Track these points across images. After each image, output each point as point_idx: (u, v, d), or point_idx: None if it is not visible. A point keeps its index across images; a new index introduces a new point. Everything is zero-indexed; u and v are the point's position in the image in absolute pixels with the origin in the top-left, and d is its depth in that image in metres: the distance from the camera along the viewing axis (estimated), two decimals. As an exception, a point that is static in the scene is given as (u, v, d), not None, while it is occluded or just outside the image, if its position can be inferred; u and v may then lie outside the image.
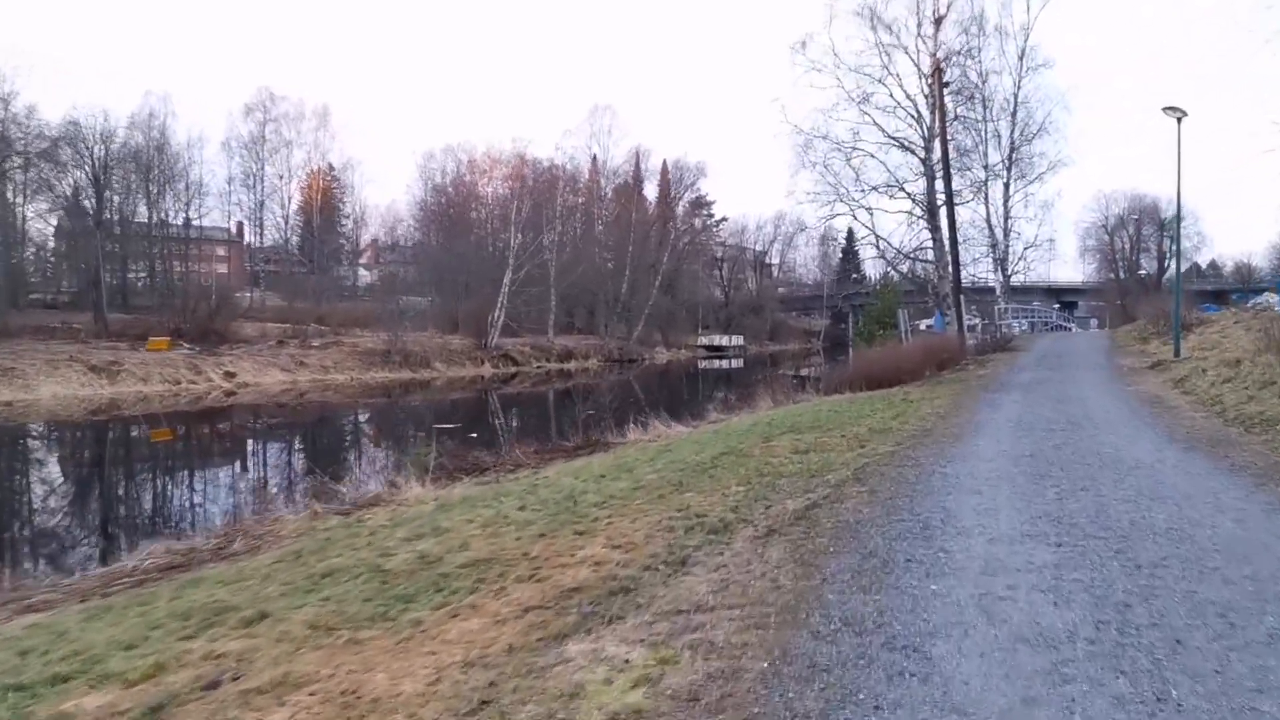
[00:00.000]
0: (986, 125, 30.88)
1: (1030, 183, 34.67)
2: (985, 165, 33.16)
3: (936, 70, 24.28)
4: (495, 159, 53.78)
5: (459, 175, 57.19)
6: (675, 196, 67.49)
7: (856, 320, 28.14)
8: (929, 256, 28.21)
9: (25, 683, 4.05)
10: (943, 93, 24.45)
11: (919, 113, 27.22)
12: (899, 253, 27.92)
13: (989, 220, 34.24)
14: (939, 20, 26.37)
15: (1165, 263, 63.77)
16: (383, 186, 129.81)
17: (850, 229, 42.41)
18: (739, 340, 68.71)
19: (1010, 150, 34.08)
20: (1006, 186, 34.96)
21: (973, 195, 29.84)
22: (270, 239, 58.12)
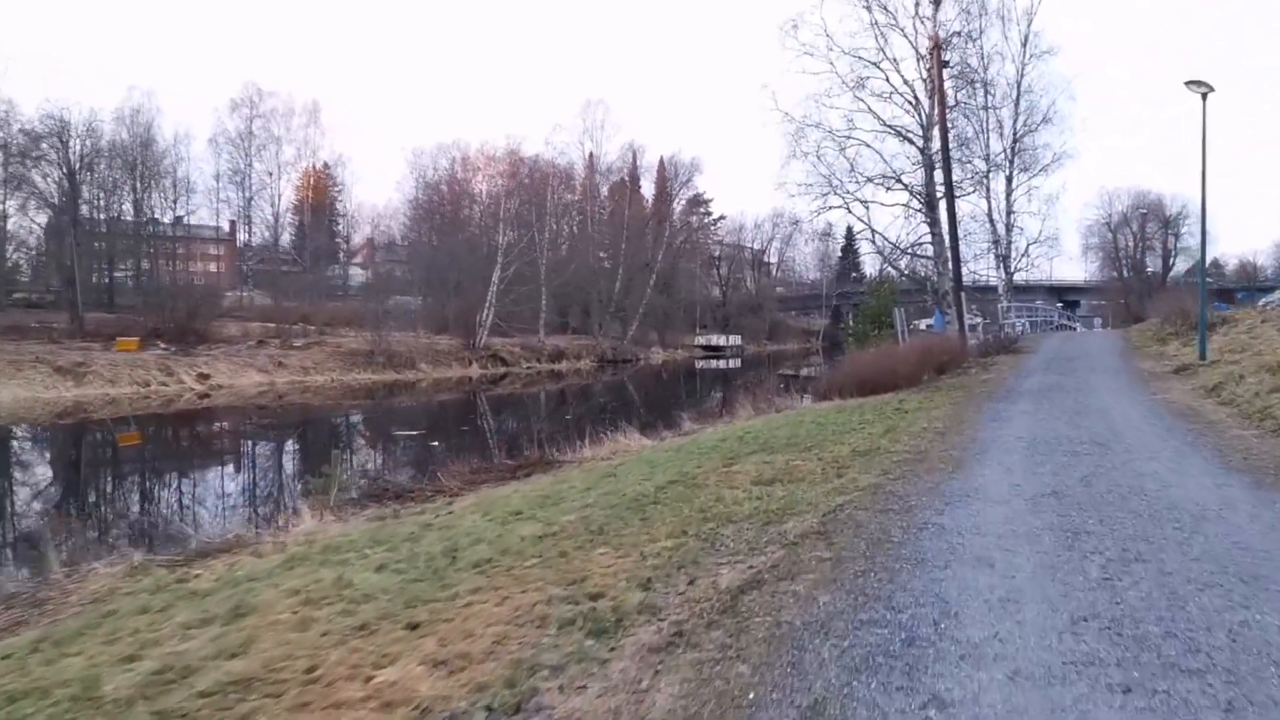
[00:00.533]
0: (988, 114, 28.84)
1: (1034, 175, 32.63)
2: (987, 157, 31.11)
3: (936, 48, 22.24)
4: (489, 156, 51.80)
5: (451, 172, 55.22)
6: (671, 194, 65.43)
7: (852, 319, 26.06)
8: (928, 252, 26.17)
9: None
10: (942, 74, 22.41)
11: (917, 99, 25.18)
12: (895, 248, 25.88)
13: (990, 215, 32.16)
14: None
15: (1171, 260, 61.57)
16: (372, 185, 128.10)
17: (850, 226, 40.28)
18: (736, 340, 66.67)
19: (1013, 141, 32.01)
20: (1009, 180, 32.87)
21: (973, 188, 27.80)
22: (260, 237, 56.28)
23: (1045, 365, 17.23)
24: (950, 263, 23.38)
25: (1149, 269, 61.53)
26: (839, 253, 72.72)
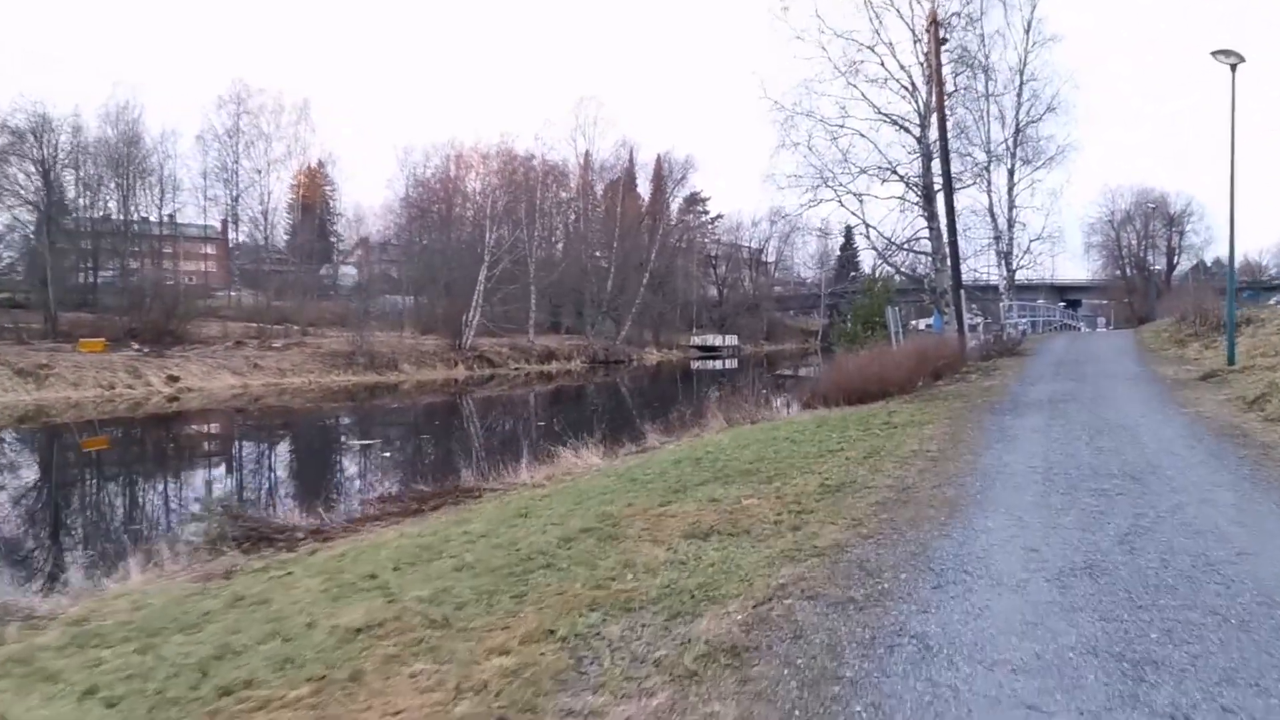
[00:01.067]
0: (989, 102, 26.89)
1: (1037, 168, 30.63)
2: (988, 150, 29.11)
3: (934, 25, 20.26)
4: (480, 153, 49.88)
5: (443, 169, 53.26)
6: (666, 191, 63.45)
7: (845, 320, 24.08)
8: (925, 247, 24.19)
9: None
10: (940, 52, 20.44)
11: (913, 84, 23.17)
12: (891, 243, 23.90)
13: (991, 210, 30.19)
14: (937, -22, 22.31)
15: (1175, 259, 59.42)
16: (364, 184, 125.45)
17: (849, 225, 38.31)
18: (733, 340, 64.65)
19: (1015, 132, 30.02)
20: (1011, 173, 30.89)
21: (973, 180, 25.82)
22: (250, 236, 54.41)
23: (1053, 370, 15.26)
24: (949, 259, 21.42)
25: (1155, 267, 59.32)
26: (837, 251, 70.63)
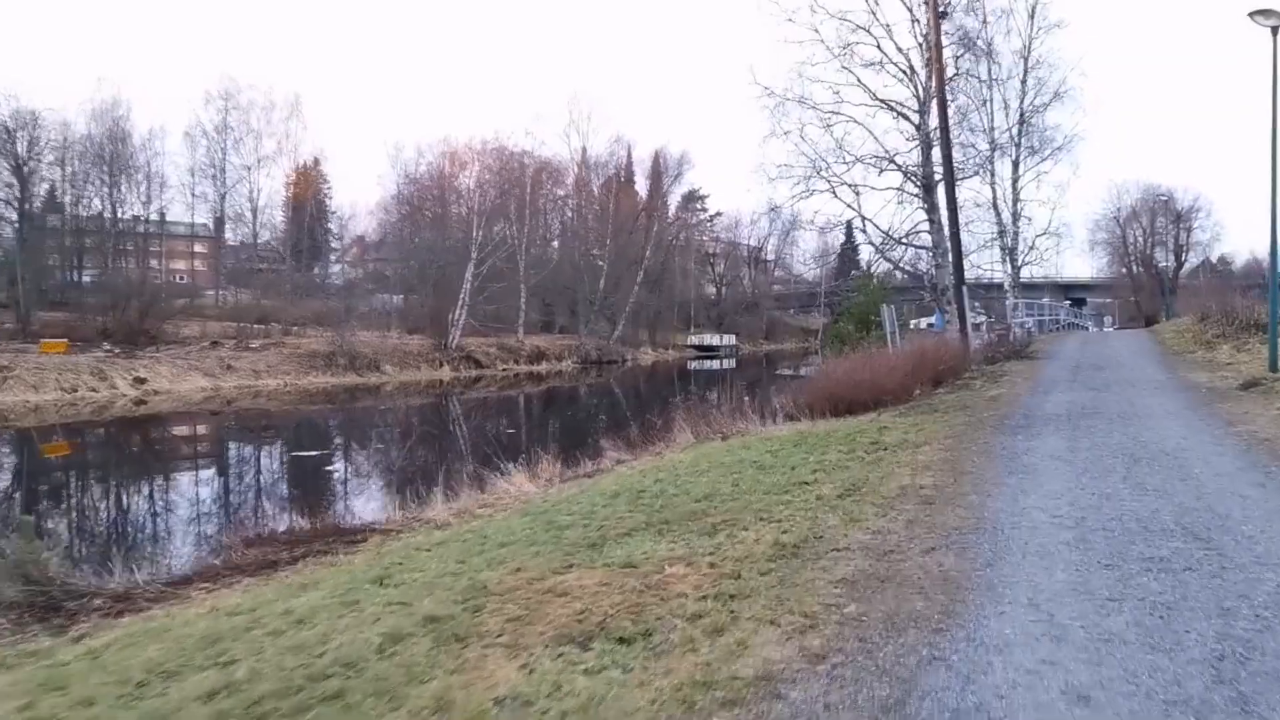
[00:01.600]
0: (993, 87, 25.02)
1: (1043, 159, 28.74)
2: (991, 141, 27.24)
3: (934, 2, 18.37)
4: (472, 149, 48.03)
5: (434, 166, 51.44)
6: (661, 188, 61.55)
7: (835, 319, 22.09)
8: (925, 242, 22.32)
9: None
10: (940, 32, 18.56)
11: (912, 67, 21.31)
12: (889, 237, 22.05)
13: (995, 203, 28.30)
14: (936, -46, 20.41)
15: (1183, 256, 57.25)
16: (354, 182, 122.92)
17: (849, 223, 36.28)
18: (731, 340, 62.78)
19: (1020, 121, 28.12)
20: (1016, 164, 29.01)
21: (976, 170, 23.95)
22: (239, 234, 52.80)
23: (1069, 376, 13.37)
24: (950, 254, 19.56)
25: (1163, 264, 57.18)
26: (838, 248, 68.61)
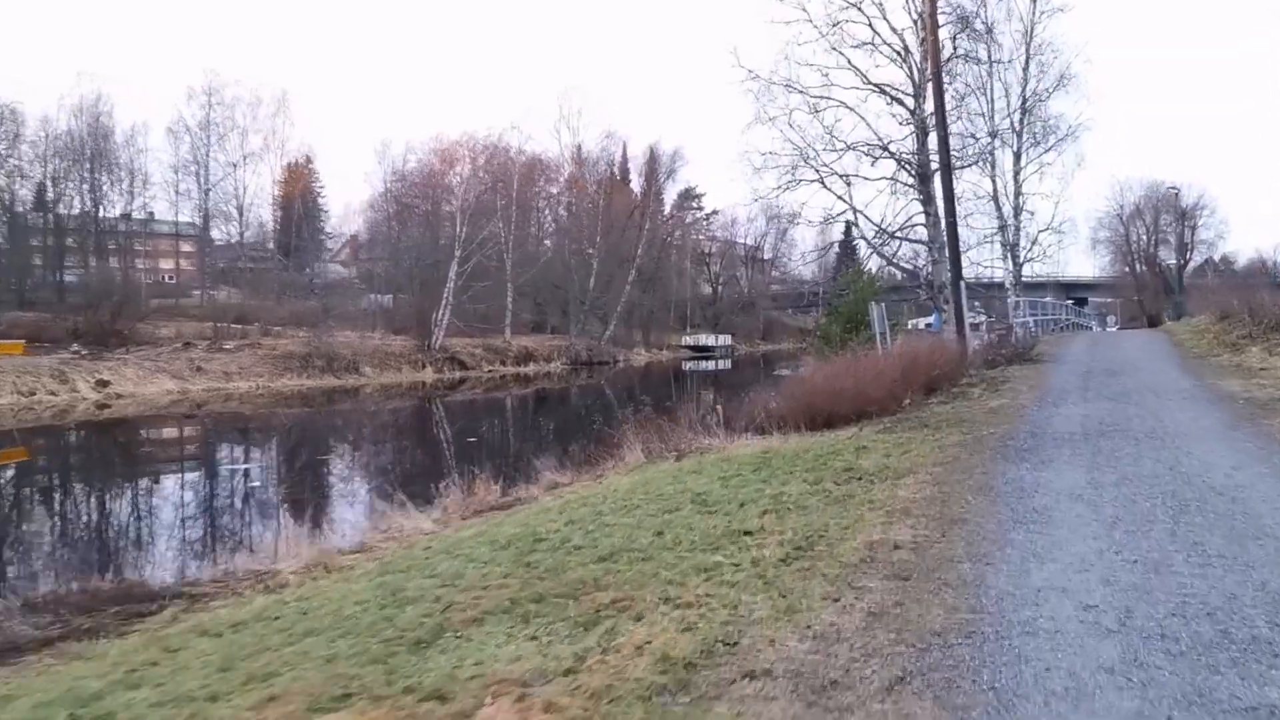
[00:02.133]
0: (993, 71, 23.25)
1: (1046, 150, 26.94)
2: (992, 128, 25.44)
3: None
4: (455, 142, 46.29)
5: (423, 162, 49.70)
6: (654, 184, 59.73)
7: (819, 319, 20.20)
8: (920, 235, 20.56)
9: None
10: (935, 3, 16.77)
11: (906, 48, 19.58)
12: (882, 230, 20.28)
13: (996, 197, 26.51)
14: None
15: (1188, 254, 55.27)
16: (344, 182, 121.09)
17: (849, 222, 34.46)
18: (727, 340, 60.96)
19: (1021, 109, 26.33)
20: (1017, 156, 27.22)
21: (975, 159, 22.16)
22: (226, 233, 51.16)
23: (1080, 382, 11.56)
24: (946, 248, 17.79)
25: (1167, 262, 55.21)
26: (836, 246, 66.65)
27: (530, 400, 33.91)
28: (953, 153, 19.45)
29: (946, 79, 19.46)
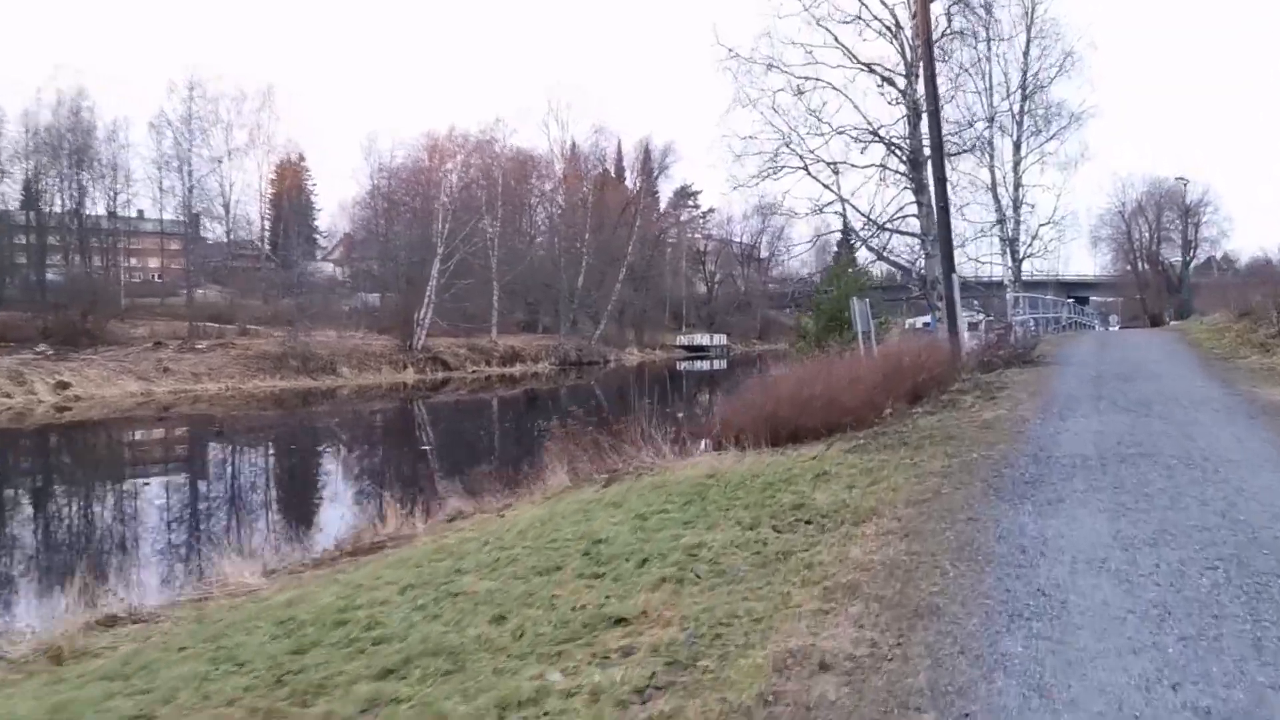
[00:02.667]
0: (991, 47, 21.46)
1: (1048, 139, 25.13)
2: (991, 114, 23.61)
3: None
4: (449, 140, 44.58)
5: (408, 158, 47.97)
6: (645, 180, 57.95)
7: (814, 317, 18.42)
8: (913, 227, 18.78)
9: None
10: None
11: (897, 23, 17.78)
12: (871, 222, 18.53)
13: (994, 188, 24.71)
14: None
15: (1192, 251, 53.25)
16: (332, 179, 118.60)
17: (845, 220, 32.66)
18: (722, 339, 59.14)
19: (1022, 95, 24.52)
20: (1017, 145, 25.40)
21: (972, 145, 20.34)
22: (210, 230, 49.52)
23: (1092, 390, 9.78)
24: (938, 237, 16.01)
25: (1170, 260, 53.24)
26: (834, 244, 64.80)
27: (507, 404, 32.16)
28: (949, 138, 17.73)
29: (942, 57, 17.75)
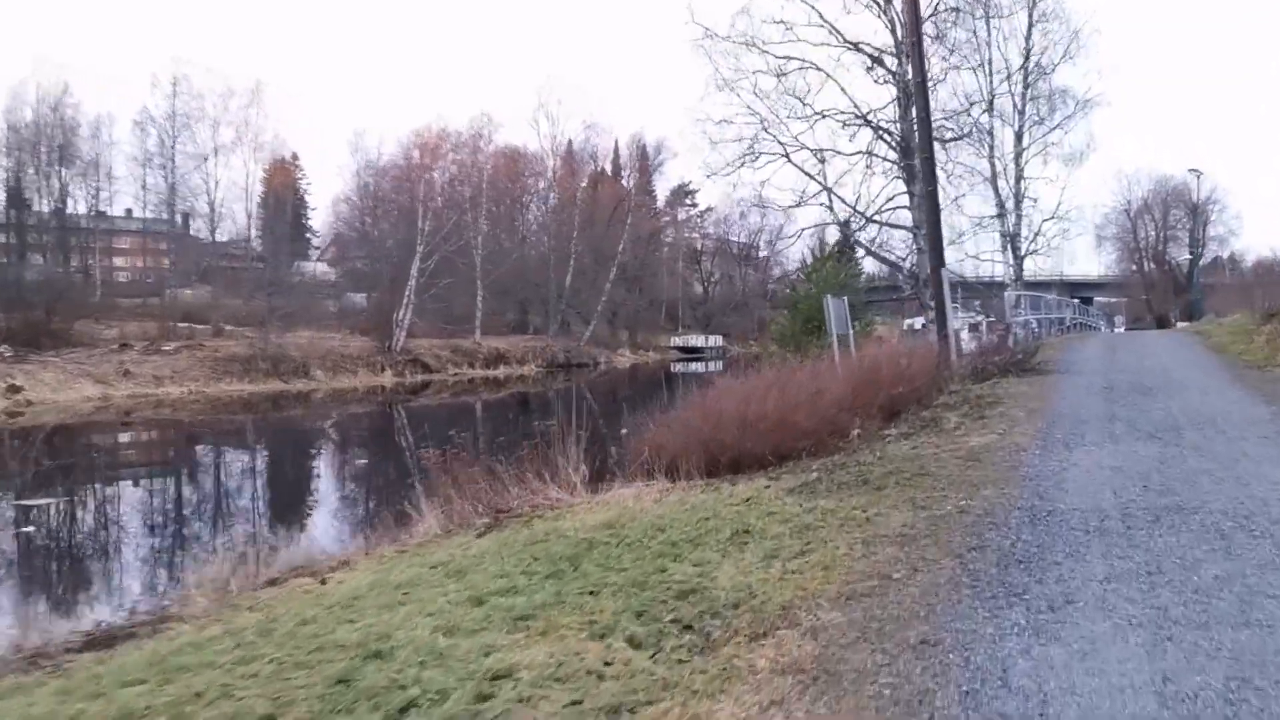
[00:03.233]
0: (989, 24, 19.68)
1: (1052, 129, 23.29)
2: (990, 99, 21.81)
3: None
4: (433, 136, 42.91)
5: (394, 154, 46.35)
6: (637, 177, 56.17)
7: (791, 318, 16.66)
8: (904, 220, 17.03)
9: None
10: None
11: (885, -4, 16.05)
12: (857, 212, 16.79)
13: (994, 180, 22.91)
14: None
15: (1200, 251, 51.17)
16: (323, 178, 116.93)
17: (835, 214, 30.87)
18: (719, 340, 57.33)
19: (1024, 82, 22.68)
20: (1019, 135, 23.56)
21: (969, 130, 18.59)
22: (195, 228, 48.01)
23: (1104, 407, 7.96)
24: (928, 231, 14.24)
25: (1179, 259, 51.15)
26: (830, 239, 62.93)
27: (479, 410, 30.31)
28: (944, 123, 16.03)
29: (936, 35, 16.02)
